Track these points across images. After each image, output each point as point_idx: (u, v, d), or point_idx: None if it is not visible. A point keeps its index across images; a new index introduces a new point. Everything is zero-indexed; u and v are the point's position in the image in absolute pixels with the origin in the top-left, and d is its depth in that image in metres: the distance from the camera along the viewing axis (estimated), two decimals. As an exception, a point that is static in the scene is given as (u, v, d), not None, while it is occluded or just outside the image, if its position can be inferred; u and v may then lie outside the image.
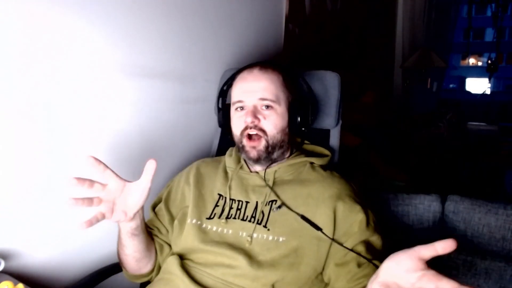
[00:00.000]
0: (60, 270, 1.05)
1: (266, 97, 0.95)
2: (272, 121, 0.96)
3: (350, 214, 0.90)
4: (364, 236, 0.88)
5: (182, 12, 1.30)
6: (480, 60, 21.06)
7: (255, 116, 0.95)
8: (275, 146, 0.97)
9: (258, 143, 0.95)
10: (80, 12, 1.00)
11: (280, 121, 0.97)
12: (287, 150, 1.02)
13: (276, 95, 0.96)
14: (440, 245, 0.56)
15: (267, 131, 0.96)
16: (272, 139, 0.96)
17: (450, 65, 5.89)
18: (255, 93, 0.96)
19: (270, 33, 1.82)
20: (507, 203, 1.10)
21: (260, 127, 0.95)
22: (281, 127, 0.97)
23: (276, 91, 0.96)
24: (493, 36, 7.73)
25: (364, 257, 0.84)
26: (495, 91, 14.68)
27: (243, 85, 0.98)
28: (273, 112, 0.96)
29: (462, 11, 7.92)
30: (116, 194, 0.82)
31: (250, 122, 0.94)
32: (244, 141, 0.97)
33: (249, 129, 0.95)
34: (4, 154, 0.91)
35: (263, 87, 0.96)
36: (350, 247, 0.86)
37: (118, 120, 1.15)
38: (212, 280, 0.87)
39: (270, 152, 0.97)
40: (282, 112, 0.97)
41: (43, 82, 0.95)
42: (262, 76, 0.97)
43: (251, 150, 0.96)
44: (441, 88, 4.74)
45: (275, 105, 0.96)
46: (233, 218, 0.94)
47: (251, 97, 0.96)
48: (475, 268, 1.09)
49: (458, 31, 9.79)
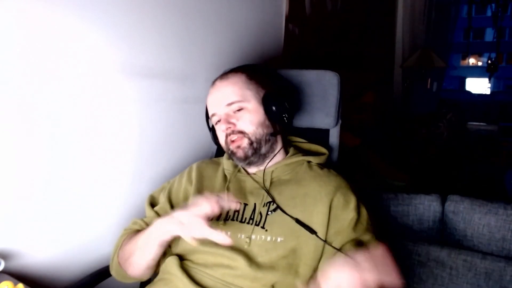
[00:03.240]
0: (60, 270, 1.05)
1: (232, 101, 0.97)
2: (246, 120, 0.97)
3: (343, 213, 0.91)
4: (353, 235, 0.89)
5: (182, 12, 1.30)
6: (480, 60, 21.07)
7: (229, 122, 0.97)
8: (260, 141, 0.98)
9: (240, 142, 0.97)
10: (80, 12, 1.00)
11: (255, 117, 0.98)
12: (275, 143, 1.02)
13: (242, 94, 0.98)
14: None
15: (246, 130, 0.97)
16: (254, 135, 0.97)
17: (450, 65, 5.89)
18: (222, 101, 0.98)
19: (270, 33, 1.82)
20: (507, 203, 1.10)
21: (238, 129, 0.97)
22: (257, 122, 0.98)
23: (240, 91, 0.98)
24: (493, 36, 7.74)
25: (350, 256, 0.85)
26: (495, 91, 14.66)
27: (210, 99, 1.02)
28: (244, 111, 0.98)
29: (462, 11, 7.92)
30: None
31: (226, 129, 0.97)
32: (230, 147, 0.99)
33: (229, 135, 0.97)
34: (4, 154, 0.91)
35: (227, 93, 0.98)
36: (338, 245, 0.88)
37: (118, 120, 1.15)
38: (212, 281, 0.87)
39: (256, 147, 0.97)
40: (254, 107, 0.99)
41: (43, 82, 0.95)
42: (222, 84, 1.00)
43: (237, 151, 0.98)
44: (441, 88, 4.74)
45: (244, 104, 0.97)
46: (231, 220, 0.95)
47: (220, 106, 0.98)
48: (475, 268, 1.09)
49: (458, 31, 9.79)
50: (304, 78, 1.18)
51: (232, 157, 1.01)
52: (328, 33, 2.57)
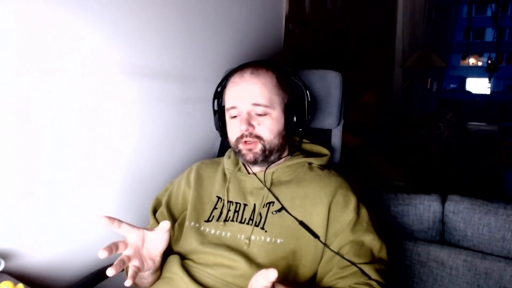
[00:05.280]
0: (60, 270, 1.05)
1: (260, 103, 0.93)
2: (267, 127, 0.94)
3: (342, 214, 0.90)
4: (352, 237, 0.88)
5: (182, 12, 1.30)
6: (480, 60, 21.07)
7: (250, 123, 0.93)
8: (272, 150, 0.96)
9: (254, 146, 0.94)
10: (80, 12, 1.00)
11: (276, 126, 0.95)
12: (284, 151, 1.01)
13: (270, 99, 0.94)
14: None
15: (263, 137, 0.94)
16: (269, 144, 0.95)
17: (450, 65, 5.89)
18: (248, 98, 0.93)
19: (270, 33, 1.82)
20: (507, 203, 1.10)
21: (256, 134, 0.94)
22: (277, 131, 0.96)
23: (269, 95, 0.94)
24: (493, 36, 7.73)
25: (346, 259, 0.85)
26: (495, 91, 14.67)
27: (235, 90, 0.96)
28: (267, 117, 0.94)
29: (462, 11, 7.92)
30: (139, 244, 0.81)
31: (245, 130, 0.93)
32: (240, 146, 0.96)
33: (245, 137, 0.94)
34: (4, 154, 0.91)
35: (256, 92, 0.93)
36: (336, 247, 0.87)
37: (118, 120, 1.15)
38: (212, 280, 0.87)
39: (267, 155, 0.96)
40: (277, 116, 0.96)
41: (43, 82, 0.95)
42: (253, 80, 0.94)
43: (247, 153, 0.95)
44: (441, 88, 4.74)
45: (269, 110, 0.94)
46: (231, 221, 0.94)
47: (244, 102, 0.94)
48: (475, 268, 1.09)
49: (458, 31, 9.78)
50: (306, 78, 1.17)
51: (238, 155, 0.99)
52: (328, 33, 2.57)
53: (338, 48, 2.76)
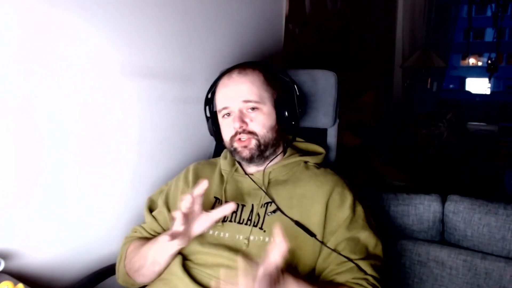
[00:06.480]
0: (60, 270, 1.05)
1: (250, 99, 0.95)
2: (259, 122, 0.96)
3: (338, 212, 0.91)
4: (348, 234, 0.89)
5: (182, 12, 1.30)
6: (480, 60, 21.07)
7: (242, 120, 0.95)
8: (267, 145, 0.97)
9: (248, 142, 0.96)
10: (80, 12, 1.01)
11: (268, 120, 0.97)
12: (279, 146, 1.02)
13: (259, 95, 0.96)
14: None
15: (257, 132, 0.96)
16: (263, 138, 0.97)
17: (450, 65, 5.89)
18: (238, 97, 0.96)
19: (270, 33, 1.82)
20: (507, 203, 1.10)
21: (249, 130, 0.96)
22: (270, 126, 0.97)
23: (258, 91, 0.96)
24: (493, 36, 7.73)
25: (343, 255, 0.86)
26: (495, 91, 14.67)
27: (225, 91, 0.99)
28: (259, 112, 0.96)
29: (462, 11, 7.91)
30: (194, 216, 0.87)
31: (238, 127, 0.95)
32: (235, 144, 0.97)
33: (239, 134, 0.96)
34: (4, 154, 0.91)
35: (245, 90, 0.96)
36: (333, 244, 0.89)
37: (118, 120, 1.15)
38: (212, 280, 0.87)
39: (263, 150, 0.97)
40: (269, 111, 0.98)
41: (43, 82, 0.95)
42: (241, 79, 0.97)
43: (243, 150, 0.96)
44: (441, 88, 4.73)
45: (260, 106, 0.96)
46: (229, 221, 0.95)
47: (235, 101, 0.96)
48: (475, 268, 1.09)
49: (458, 31, 9.78)
50: (302, 77, 1.18)
51: (234, 154, 1.00)
52: (328, 33, 2.57)
53: (338, 48, 2.76)
